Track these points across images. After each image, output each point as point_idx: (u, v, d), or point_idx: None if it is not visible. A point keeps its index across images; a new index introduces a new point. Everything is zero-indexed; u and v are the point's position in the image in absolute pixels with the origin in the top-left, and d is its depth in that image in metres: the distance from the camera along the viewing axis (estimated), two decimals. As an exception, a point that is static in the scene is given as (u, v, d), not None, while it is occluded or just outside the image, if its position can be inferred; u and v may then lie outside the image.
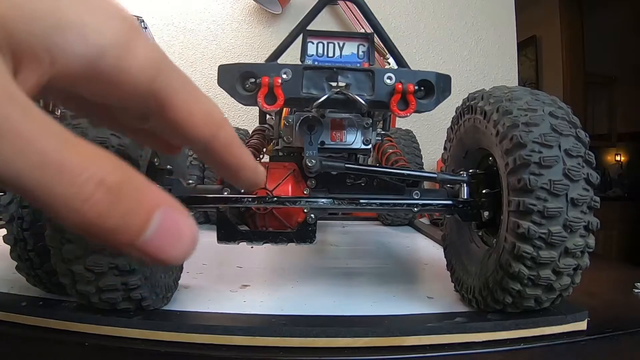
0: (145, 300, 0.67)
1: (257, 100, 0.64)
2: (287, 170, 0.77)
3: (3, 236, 0.74)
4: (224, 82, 0.66)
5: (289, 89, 0.65)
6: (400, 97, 0.65)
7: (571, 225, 0.60)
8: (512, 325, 0.66)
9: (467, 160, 0.81)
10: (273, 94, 0.64)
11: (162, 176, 0.76)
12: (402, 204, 0.77)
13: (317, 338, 0.63)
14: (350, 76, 0.66)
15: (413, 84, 0.66)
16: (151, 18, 2.16)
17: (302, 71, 0.65)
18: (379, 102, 0.66)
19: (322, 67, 0.66)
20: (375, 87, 0.66)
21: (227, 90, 0.66)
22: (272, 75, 0.64)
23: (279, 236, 0.75)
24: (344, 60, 0.72)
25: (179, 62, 2.30)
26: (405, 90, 0.65)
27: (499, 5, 2.44)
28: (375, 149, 1.18)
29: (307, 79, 0.65)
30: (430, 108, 0.68)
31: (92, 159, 0.19)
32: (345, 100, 0.66)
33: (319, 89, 0.65)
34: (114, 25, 0.21)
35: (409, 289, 0.88)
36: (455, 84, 0.71)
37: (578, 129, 0.64)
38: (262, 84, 0.64)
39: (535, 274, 0.61)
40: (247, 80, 0.65)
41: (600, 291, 0.90)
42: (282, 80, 0.64)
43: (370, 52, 0.74)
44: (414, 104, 0.66)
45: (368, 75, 0.66)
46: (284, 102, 0.64)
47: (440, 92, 0.67)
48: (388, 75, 0.66)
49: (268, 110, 0.65)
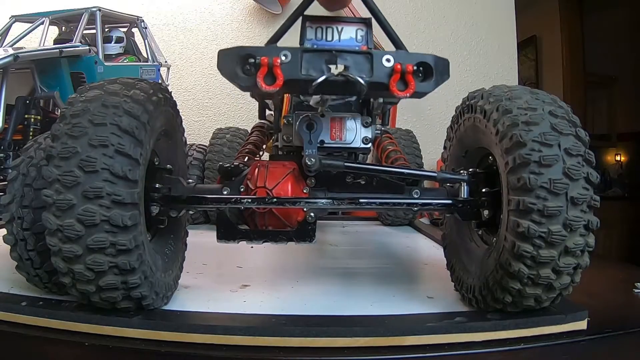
0: (145, 299, 0.67)
1: (257, 80, 0.64)
2: (286, 169, 0.77)
3: (3, 236, 0.74)
4: (223, 66, 0.66)
5: (288, 70, 0.65)
6: (399, 78, 0.65)
7: (571, 224, 0.60)
8: (512, 325, 0.66)
9: (466, 159, 0.81)
10: (272, 74, 0.64)
11: (162, 175, 0.76)
12: (402, 203, 0.77)
13: (317, 338, 0.63)
14: (349, 58, 0.66)
15: (412, 64, 0.66)
16: (151, 18, 2.16)
17: (302, 53, 0.66)
18: (379, 84, 0.66)
19: (321, 50, 0.67)
20: (374, 69, 0.66)
21: (226, 74, 0.66)
22: (271, 56, 0.64)
23: (278, 235, 0.75)
24: (342, 44, 0.73)
25: (179, 62, 2.31)
26: (404, 71, 0.65)
27: (499, 5, 2.45)
28: (374, 145, 1.18)
29: (306, 61, 0.66)
30: (429, 89, 0.67)
31: None
32: (344, 82, 0.65)
33: (318, 70, 0.66)
34: None
35: (409, 289, 0.88)
36: (456, 84, 0.71)
37: (578, 127, 0.64)
38: (261, 63, 0.64)
39: (535, 273, 0.61)
40: (247, 62, 0.65)
41: (600, 291, 0.90)
42: (282, 61, 0.64)
43: (368, 36, 0.74)
44: (413, 84, 0.66)
45: (367, 58, 0.66)
46: (283, 82, 0.64)
47: (439, 74, 0.67)
48: (387, 57, 0.66)
49: (267, 90, 0.64)
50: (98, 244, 0.60)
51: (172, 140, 0.82)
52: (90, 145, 0.60)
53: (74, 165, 0.60)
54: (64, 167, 0.60)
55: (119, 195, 0.60)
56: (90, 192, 0.59)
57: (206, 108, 2.35)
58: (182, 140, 0.87)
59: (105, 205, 0.60)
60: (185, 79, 2.33)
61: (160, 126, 0.74)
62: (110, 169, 0.60)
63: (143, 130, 0.65)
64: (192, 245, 0.91)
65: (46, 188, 0.61)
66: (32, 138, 1.43)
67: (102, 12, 1.80)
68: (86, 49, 1.71)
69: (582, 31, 3.95)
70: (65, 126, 0.62)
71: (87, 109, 0.63)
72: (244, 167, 0.80)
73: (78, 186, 0.59)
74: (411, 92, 0.65)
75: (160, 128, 0.74)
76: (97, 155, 0.60)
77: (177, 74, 2.26)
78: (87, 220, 0.59)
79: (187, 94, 2.31)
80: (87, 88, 0.68)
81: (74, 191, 0.59)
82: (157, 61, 2.01)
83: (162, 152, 0.78)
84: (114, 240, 0.61)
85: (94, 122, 0.62)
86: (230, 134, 1.53)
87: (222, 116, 2.34)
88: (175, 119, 0.81)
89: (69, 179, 0.60)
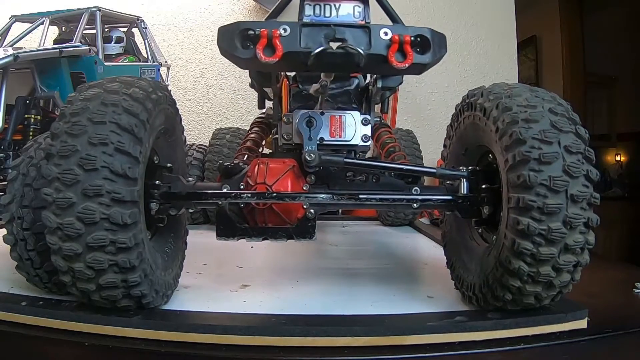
0: (145, 298, 0.67)
1: (256, 51, 0.65)
2: (286, 166, 0.77)
3: (3, 236, 0.74)
4: (223, 41, 0.68)
5: (288, 42, 0.66)
6: (397, 49, 0.67)
7: (571, 221, 0.60)
8: (512, 324, 0.66)
9: (466, 157, 0.80)
10: (271, 46, 0.66)
11: (162, 173, 0.76)
12: (402, 199, 0.77)
13: (316, 337, 0.63)
14: (347, 32, 0.68)
15: (409, 35, 0.67)
16: (151, 18, 2.16)
17: (300, 27, 0.67)
18: (377, 55, 0.67)
19: (320, 24, 0.68)
20: (372, 42, 0.67)
21: (226, 51, 0.67)
22: (271, 28, 0.66)
23: (278, 232, 0.75)
24: (340, 20, 0.74)
25: (179, 62, 2.31)
26: (402, 41, 0.66)
27: (499, 5, 2.45)
28: (373, 139, 1.19)
29: (305, 34, 0.67)
30: (426, 61, 0.68)
31: None
32: (343, 54, 0.67)
33: (317, 43, 0.67)
34: None
35: (409, 288, 0.88)
36: (456, 84, 0.71)
37: (578, 125, 0.64)
38: (261, 35, 0.65)
39: (535, 270, 0.61)
40: (246, 36, 0.66)
41: (600, 291, 0.90)
42: (281, 34, 0.66)
43: (365, 12, 0.75)
44: (411, 55, 0.67)
45: (364, 31, 0.68)
46: (282, 54, 0.65)
47: (437, 46, 0.68)
48: (384, 30, 0.68)
49: (266, 61, 0.65)
50: (98, 242, 0.60)
51: (171, 139, 0.82)
52: (90, 143, 0.60)
53: (73, 163, 0.60)
54: (63, 165, 0.60)
55: (119, 193, 0.60)
56: (90, 190, 0.59)
57: (206, 108, 2.35)
58: (182, 139, 0.87)
59: (105, 203, 0.60)
60: (185, 79, 2.33)
61: (159, 124, 0.74)
62: (110, 167, 0.60)
63: (142, 128, 0.65)
64: (192, 245, 0.91)
65: (46, 187, 0.61)
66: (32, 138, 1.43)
67: (102, 12, 1.80)
68: (86, 49, 1.71)
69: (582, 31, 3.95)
70: (65, 124, 0.62)
71: (87, 108, 0.63)
72: (243, 166, 0.80)
73: (78, 184, 0.59)
74: (410, 63, 0.67)
75: (160, 126, 0.74)
76: (96, 154, 0.60)
77: (177, 74, 2.26)
78: (87, 219, 0.59)
79: (187, 94, 2.31)
80: (86, 87, 0.68)
81: (74, 189, 0.59)
82: (157, 61, 2.01)
83: (161, 150, 0.78)
84: (114, 238, 0.61)
85: (93, 121, 0.62)
86: (230, 134, 1.53)
87: (222, 116, 2.34)
88: (174, 117, 0.81)
89: (68, 177, 0.59)
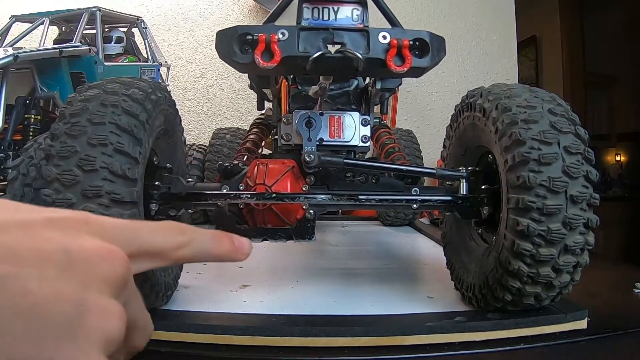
0: (145, 298, 0.66)
1: (254, 56, 0.65)
2: (285, 167, 0.77)
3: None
4: (221, 45, 0.67)
5: (286, 47, 0.66)
6: (396, 53, 0.66)
7: (571, 222, 0.60)
8: (512, 324, 0.66)
9: (466, 157, 0.80)
10: (270, 51, 0.65)
11: (162, 174, 0.76)
12: (401, 200, 0.77)
13: (317, 337, 0.63)
14: (346, 36, 0.67)
15: (408, 39, 0.66)
16: (151, 18, 2.16)
17: (298, 31, 0.67)
18: (376, 59, 0.67)
19: (318, 28, 0.68)
20: (370, 45, 0.67)
21: (224, 55, 0.67)
22: (269, 33, 0.65)
23: (277, 233, 0.75)
24: (338, 23, 0.73)
25: (179, 62, 2.31)
26: (400, 46, 0.66)
27: (499, 5, 2.45)
28: (373, 139, 1.19)
29: (303, 38, 0.67)
30: (425, 65, 0.68)
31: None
32: (341, 59, 0.66)
33: (315, 47, 0.66)
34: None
35: (409, 288, 0.87)
36: (456, 84, 0.71)
37: (577, 126, 0.64)
38: (259, 40, 0.65)
39: (535, 271, 0.61)
40: (244, 41, 0.66)
41: (600, 291, 0.90)
42: (279, 39, 0.65)
43: (364, 15, 0.75)
44: (410, 59, 0.66)
45: (363, 35, 0.67)
46: (280, 59, 0.65)
47: (435, 50, 0.68)
48: (383, 34, 0.67)
49: (265, 66, 0.65)
50: None
51: (171, 139, 0.82)
52: (89, 144, 0.60)
53: (73, 164, 0.60)
54: (63, 166, 0.60)
55: (118, 194, 0.60)
56: (90, 191, 0.59)
57: (206, 108, 2.35)
58: (182, 139, 0.87)
59: (104, 204, 0.60)
60: (185, 79, 2.33)
61: (159, 125, 0.74)
62: (109, 168, 0.60)
63: (142, 128, 0.65)
64: (192, 244, 0.91)
65: (45, 187, 0.61)
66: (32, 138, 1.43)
67: (102, 12, 1.80)
68: (86, 49, 1.71)
69: (582, 31, 3.95)
70: (64, 125, 0.62)
71: (86, 108, 0.63)
72: (243, 166, 0.80)
73: (77, 185, 0.59)
74: (408, 67, 0.66)
75: (159, 127, 0.74)
76: (96, 154, 0.60)
77: (177, 74, 2.26)
78: (87, 219, 0.59)
79: (187, 94, 2.31)
80: (86, 87, 0.68)
81: (73, 190, 0.59)
82: (157, 61, 2.01)
83: (161, 150, 0.78)
84: (114, 239, 0.60)
85: (92, 121, 0.61)
86: (230, 134, 1.53)
87: (222, 116, 2.34)
88: (174, 118, 0.81)
89: (68, 178, 0.59)
